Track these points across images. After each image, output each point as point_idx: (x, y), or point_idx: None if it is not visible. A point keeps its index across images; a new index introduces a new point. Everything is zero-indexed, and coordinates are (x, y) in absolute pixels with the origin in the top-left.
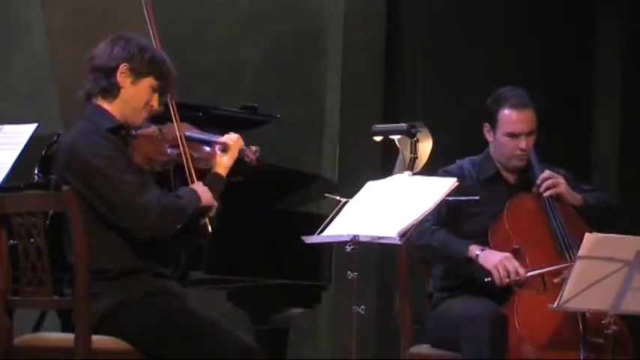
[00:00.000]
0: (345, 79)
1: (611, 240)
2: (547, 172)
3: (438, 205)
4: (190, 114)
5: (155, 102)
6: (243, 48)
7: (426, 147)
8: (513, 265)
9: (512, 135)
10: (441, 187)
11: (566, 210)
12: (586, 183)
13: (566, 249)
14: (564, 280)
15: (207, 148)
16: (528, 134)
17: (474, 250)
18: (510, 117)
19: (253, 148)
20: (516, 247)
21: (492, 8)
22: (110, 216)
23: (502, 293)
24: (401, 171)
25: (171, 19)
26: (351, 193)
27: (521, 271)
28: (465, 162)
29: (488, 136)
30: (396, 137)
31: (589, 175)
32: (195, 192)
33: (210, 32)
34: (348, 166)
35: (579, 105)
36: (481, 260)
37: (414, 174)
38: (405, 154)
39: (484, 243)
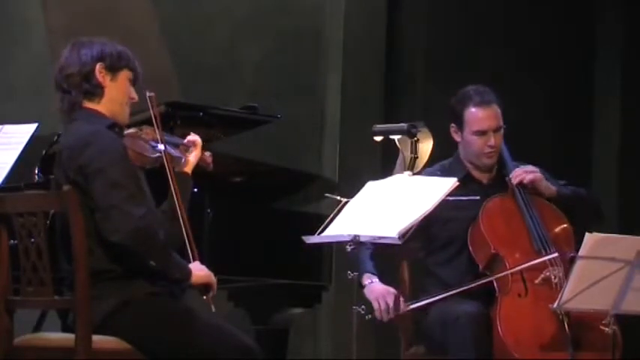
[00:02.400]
0: (345, 78)
1: (611, 240)
2: (521, 167)
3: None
4: (191, 114)
5: (134, 93)
6: (243, 48)
7: (426, 147)
8: (393, 299)
9: (481, 133)
10: (441, 187)
11: (541, 204)
12: (586, 183)
13: (543, 246)
14: (545, 281)
15: (177, 149)
16: (496, 130)
17: (365, 279)
18: (476, 115)
19: (207, 153)
20: (494, 251)
21: (493, 8)
22: (97, 216)
23: (487, 295)
24: (401, 171)
25: (172, 19)
26: (351, 193)
27: (402, 306)
28: (435, 168)
29: (456, 137)
30: (396, 137)
31: (589, 175)
32: (186, 266)
33: (211, 32)
34: (349, 166)
35: (579, 105)
36: (366, 291)
37: (415, 174)
38: (406, 154)
39: (462, 248)
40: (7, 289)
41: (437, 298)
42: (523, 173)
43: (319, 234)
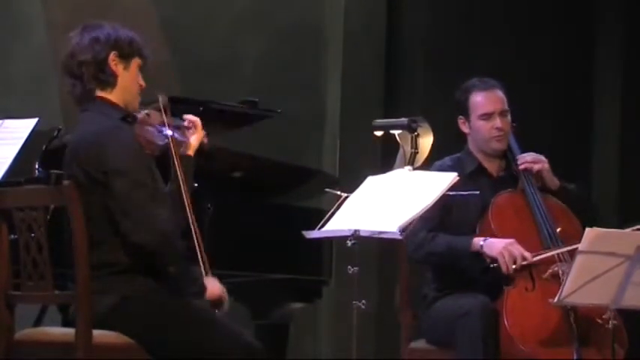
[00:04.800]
0: (345, 74)
1: (611, 235)
2: (530, 154)
3: (432, 207)
4: (190, 108)
5: (142, 80)
6: (243, 43)
7: (426, 142)
8: (519, 250)
9: (487, 115)
10: (441, 181)
11: (550, 201)
12: (586, 183)
13: (551, 242)
14: (553, 276)
15: (181, 132)
16: (502, 113)
17: (478, 241)
18: (481, 99)
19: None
20: None
21: (493, 7)
22: (117, 215)
23: (493, 289)
24: (401, 166)
25: (172, 14)
26: (351, 187)
27: (528, 255)
28: (445, 161)
29: (464, 128)
30: (396, 132)
31: (589, 175)
32: (201, 280)
33: (211, 27)
34: (349, 161)
35: (579, 105)
36: (486, 249)
37: (415, 169)
38: (406, 148)
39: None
40: (7, 284)
41: (564, 249)
42: (531, 160)
43: (319, 229)
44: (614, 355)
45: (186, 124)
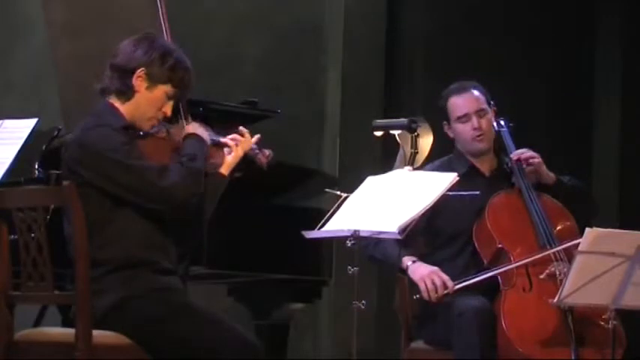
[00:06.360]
0: (345, 74)
1: (611, 235)
2: (523, 149)
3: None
4: (190, 109)
5: (168, 109)
6: (243, 43)
7: (426, 142)
8: (441, 278)
9: (463, 117)
10: (441, 182)
11: (546, 200)
12: (586, 183)
13: (548, 242)
14: (550, 276)
15: (215, 149)
16: (478, 113)
17: (406, 261)
18: (456, 102)
19: (267, 152)
20: (500, 246)
21: (492, 7)
22: (136, 201)
23: (491, 290)
24: (401, 166)
25: (172, 14)
26: (351, 188)
27: (450, 284)
28: (435, 163)
29: (450, 133)
30: (396, 132)
31: (589, 175)
32: (197, 137)
33: (211, 27)
34: (349, 161)
35: (579, 105)
36: (410, 272)
37: (415, 169)
38: (406, 149)
39: (467, 243)
40: (7, 284)
41: (485, 276)
42: (521, 151)
43: (319, 229)
44: (613, 355)
45: (223, 139)
